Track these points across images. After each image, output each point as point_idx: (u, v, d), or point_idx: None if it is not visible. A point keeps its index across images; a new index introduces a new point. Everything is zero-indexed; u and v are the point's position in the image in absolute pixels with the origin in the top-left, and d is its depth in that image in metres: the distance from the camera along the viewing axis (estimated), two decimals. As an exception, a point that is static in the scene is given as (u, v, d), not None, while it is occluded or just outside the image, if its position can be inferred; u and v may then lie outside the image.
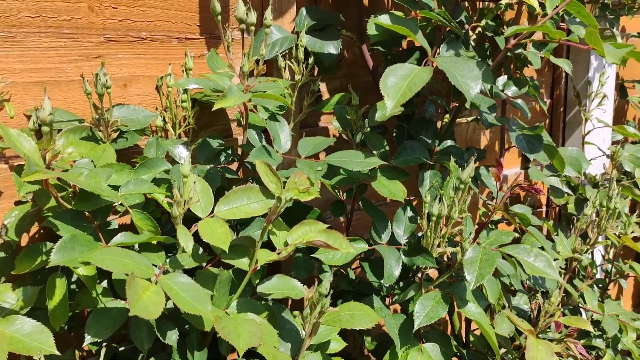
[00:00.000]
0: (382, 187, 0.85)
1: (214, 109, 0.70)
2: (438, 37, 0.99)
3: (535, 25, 0.86)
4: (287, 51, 1.03)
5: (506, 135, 1.51)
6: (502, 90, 1.15)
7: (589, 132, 1.63)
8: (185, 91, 0.92)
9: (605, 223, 1.03)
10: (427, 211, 0.84)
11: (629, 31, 2.03)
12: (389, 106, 0.76)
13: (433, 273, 1.27)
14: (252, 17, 0.77)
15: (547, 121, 1.79)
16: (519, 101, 1.14)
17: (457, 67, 0.80)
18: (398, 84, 0.78)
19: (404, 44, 1.18)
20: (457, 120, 1.02)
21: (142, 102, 0.95)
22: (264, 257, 0.70)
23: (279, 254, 0.72)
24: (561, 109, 1.77)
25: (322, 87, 1.19)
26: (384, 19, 0.84)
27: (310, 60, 1.00)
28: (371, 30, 0.86)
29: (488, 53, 1.24)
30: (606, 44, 0.78)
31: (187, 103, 0.95)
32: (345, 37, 1.08)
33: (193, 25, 1.00)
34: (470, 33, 1.20)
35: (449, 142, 1.00)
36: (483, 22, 1.19)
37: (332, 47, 1.01)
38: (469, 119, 1.14)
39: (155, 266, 0.67)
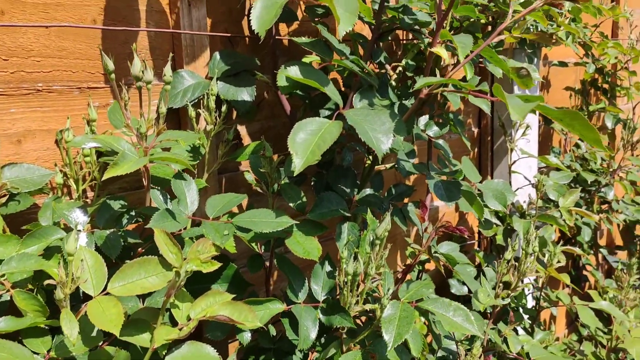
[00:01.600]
0: (296, 244, 0.82)
1: (103, 178, 0.65)
2: (355, 82, 0.97)
3: (446, 76, 0.85)
4: (200, 98, 0.99)
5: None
6: (424, 131, 1.15)
7: (514, 161, 1.66)
8: (87, 145, 0.86)
9: (524, 267, 1.03)
10: (344, 267, 0.81)
11: (552, 58, 2.10)
12: (297, 165, 0.73)
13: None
14: (149, 75, 0.72)
15: (476, 149, 1.81)
16: (441, 141, 1.14)
17: (369, 121, 0.78)
18: (308, 141, 0.75)
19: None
20: (376, 167, 1.00)
21: (39, 159, 0.89)
22: (162, 335, 0.65)
23: (180, 329, 0.67)
24: (489, 138, 1.80)
25: (242, 130, 1.15)
26: (294, 71, 0.81)
27: (224, 108, 0.96)
28: (281, 81, 0.83)
29: (411, 91, 1.24)
30: (513, 98, 0.78)
31: (90, 157, 0.89)
32: (261, 82, 1.04)
33: (96, 73, 0.94)
34: (392, 73, 1.19)
35: (368, 191, 0.98)
36: (404, 62, 1.18)
37: (246, 94, 0.98)
38: (388, 165, 1.13)
39: (39, 354, 0.61)
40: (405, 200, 1.27)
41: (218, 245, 0.69)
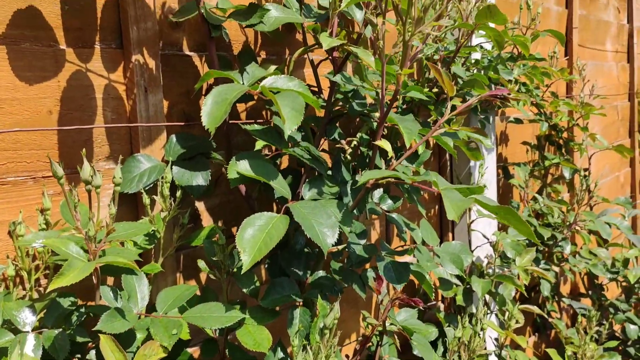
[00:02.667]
0: (247, 335, 0.83)
1: (48, 289, 0.66)
2: (308, 167, 1.00)
3: (388, 169, 0.89)
4: (156, 181, 1.01)
5: (392, 234, 1.55)
6: (378, 204, 1.18)
7: (473, 220, 1.71)
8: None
9: (474, 346, 1.06)
10: (295, 357, 0.83)
11: (509, 114, 2.18)
12: (245, 262, 0.75)
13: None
14: (98, 180, 0.74)
15: (437, 206, 1.85)
16: (394, 215, 1.17)
17: (315, 214, 0.81)
18: (255, 237, 0.77)
19: (279, 162, 1.19)
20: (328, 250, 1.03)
21: (-9, 251, 0.89)
22: None
23: None
24: (449, 196, 1.84)
25: (200, 205, 1.16)
26: (243, 166, 0.84)
27: (179, 193, 0.98)
28: (232, 174, 0.85)
29: (368, 160, 1.28)
30: (451, 192, 0.82)
31: (42, 247, 0.89)
32: (217, 162, 1.07)
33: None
34: (347, 147, 1.23)
35: (320, 273, 1.01)
36: (358, 136, 1.22)
37: (200, 179, 1.00)
38: (340, 247, 1.16)
39: None
40: (367, 265, 1.30)
41: (166, 346, 0.70)
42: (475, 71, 1.44)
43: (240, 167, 0.84)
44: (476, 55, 1.59)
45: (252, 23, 0.98)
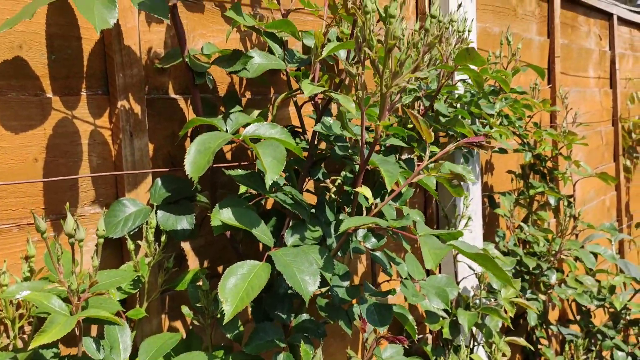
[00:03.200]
0: (230, 383, 0.84)
1: (30, 347, 0.67)
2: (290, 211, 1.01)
3: (369, 215, 0.91)
4: (141, 226, 1.01)
5: (377, 269, 1.56)
6: (362, 242, 1.19)
7: (457, 254, 1.72)
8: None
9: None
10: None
11: (494, 144, 2.21)
12: (227, 312, 0.76)
13: None
14: (81, 234, 0.75)
15: (424, 238, 1.87)
16: (378, 253, 1.19)
17: (297, 262, 0.82)
18: (237, 286, 0.78)
19: (265, 203, 1.20)
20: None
21: (-25, 299, 0.89)
22: None
23: None
24: (435, 227, 1.86)
25: (186, 245, 1.17)
26: (226, 215, 0.85)
27: (163, 237, 0.99)
28: (215, 222, 0.87)
29: (352, 197, 1.29)
30: (430, 238, 0.84)
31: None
32: (202, 206, 1.08)
33: (36, 209, 0.96)
34: (331, 186, 1.25)
35: (304, 316, 1.02)
36: (342, 174, 1.24)
37: (185, 223, 1.01)
38: (323, 289, 1.17)
39: None
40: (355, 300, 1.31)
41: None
42: (458, 106, 1.47)
43: (224, 215, 0.85)
44: (459, 90, 1.63)
45: (236, 70, 1.00)
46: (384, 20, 0.78)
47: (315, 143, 1.09)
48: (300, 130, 1.20)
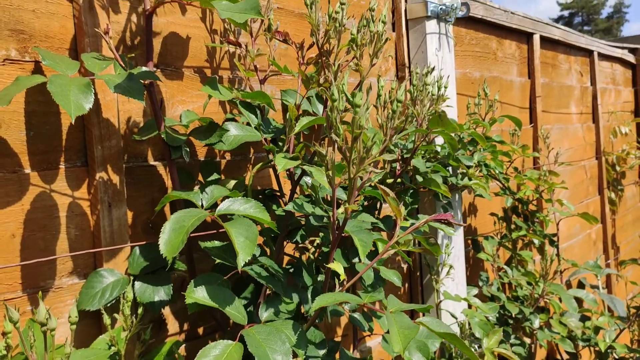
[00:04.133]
0: None
1: None
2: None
3: (344, 287, 0.92)
4: (119, 296, 1.02)
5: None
6: (341, 304, 1.21)
7: (441, 301, 1.74)
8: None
9: None
10: None
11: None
12: (199, 396, 0.76)
13: None
14: (52, 323, 0.76)
15: (407, 284, 1.88)
16: (356, 315, 1.20)
17: (269, 340, 0.83)
18: (210, 368, 0.79)
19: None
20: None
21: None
22: None
23: None
24: (418, 273, 1.88)
25: (166, 310, 1.18)
26: (200, 294, 0.87)
27: (140, 310, 1.00)
28: (189, 300, 0.88)
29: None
30: (399, 315, 0.85)
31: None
32: (180, 275, 1.09)
33: (13, 284, 0.97)
34: (309, 246, 1.26)
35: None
36: (321, 235, 1.26)
37: (162, 293, 1.02)
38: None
39: None
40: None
41: None
42: (435, 162, 1.50)
43: (198, 294, 0.86)
44: (439, 141, 1.66)
45: (212, 142, 1.02)
46: (352, 104, 0.80)
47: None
48: (279, 193, 1.21)
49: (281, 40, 1.10)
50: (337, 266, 0.89)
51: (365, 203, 1.36)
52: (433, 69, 1.52)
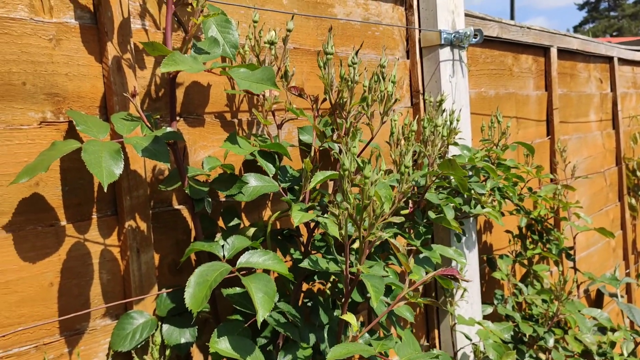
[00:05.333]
0: None
1: None
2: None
3: (357, 338, 0.98)
4: (147, 339, 1.10)
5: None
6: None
7: (455, 323, 1.79)
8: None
9: None
10: None
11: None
12: None
13: None
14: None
15: (423, 305, 1.93)
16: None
17: (287, 389, 0.90)
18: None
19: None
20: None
21: (-3, 420, 0.98)
22: None
23: None
24: (433, 294, 1.93)
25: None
26: (223, 345, 0.94)
27: (168, 352, 1.08)
28: (212, 349, 0.95)
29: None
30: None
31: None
32: (204, 315, 1.16)
33: (51, 329, 1.05)
34: (325, 287, 1.32)
35: None
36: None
37: (188, 335, 1.10)
38: None
39: None
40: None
41: None
42: (447, 192, 1.54)
43: (221, 345, 0.93)
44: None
45: (232, 193, 1.09)
46: (362, 174, 0.86)
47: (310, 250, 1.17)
48: (296, 233, 1.28)
49: (297, 94, 1.16)
50: (350, 317, 0.95)
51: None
52: (441, 101, 1.56)
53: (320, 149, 1.25)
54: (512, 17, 18.15)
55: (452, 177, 1.64)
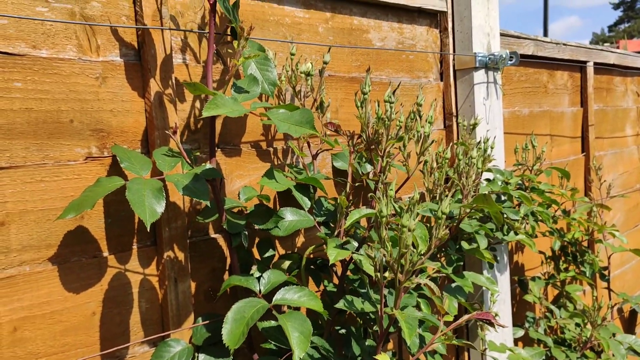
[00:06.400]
0: None
1: None
2: None
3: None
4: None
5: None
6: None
7: (485, 348, 1.78)
8: None
9: None
10: None
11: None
12: None
13: None
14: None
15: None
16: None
17: None
18: None
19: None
20: None
21: None
22: None
23: None
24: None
25: (225, 369, 1.28)
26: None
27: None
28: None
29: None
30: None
31: None
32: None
33: (96, 355, 1.09)
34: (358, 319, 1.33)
35: None
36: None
37: (222, 366, 1.12)
38: None
39: None
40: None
41: None
42: (479, 220, 1.53)
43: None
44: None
45: (268, 228, 1.11)
46: (399, 214, 0.86)
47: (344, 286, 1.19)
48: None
49: (333, 131, 1.17)
50: (384, 358, 0.96)
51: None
52: (475, 125, 1.56)
53: (356, 185, 1.26)
54: (545, 17, 17.77)
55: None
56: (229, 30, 1.17)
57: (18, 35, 0.98)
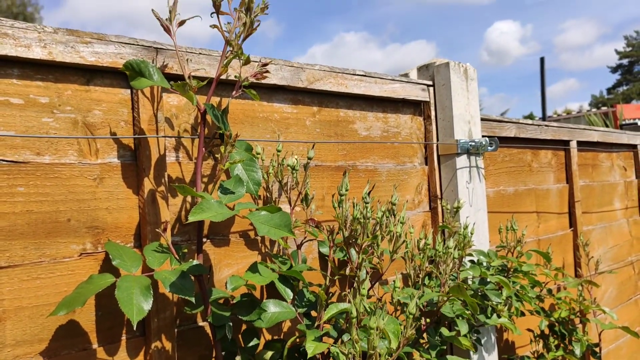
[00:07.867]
0: None
1: None
2: None
3: None
4: None
5: None
6: None
7: None
8: None
9: None
10: None
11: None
12: None
13: None
14: None
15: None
16: None
17: None
18: None
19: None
20: None
21: None
22: None
23: None
24: None
25: None
26: None
27: None
28: None
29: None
30: None
31: None
32: None
33: None
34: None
35: None
36: None
37: None
38: None
39: None
40: None
41: None
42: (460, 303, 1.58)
43: None
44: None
45: (252, 319, 1.16)
46: (369, 314, 0.92)
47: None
48: (312, 351, 1.33)
49: (314, 227, 1.25)
50: None
51: None
52: (458, 208, 1.63)
53: (336, 278, 1.32)
54: (542, 82, 18.21)
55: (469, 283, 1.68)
56: (218, 135, 1.27)
57: (24, 144, 1.07)
